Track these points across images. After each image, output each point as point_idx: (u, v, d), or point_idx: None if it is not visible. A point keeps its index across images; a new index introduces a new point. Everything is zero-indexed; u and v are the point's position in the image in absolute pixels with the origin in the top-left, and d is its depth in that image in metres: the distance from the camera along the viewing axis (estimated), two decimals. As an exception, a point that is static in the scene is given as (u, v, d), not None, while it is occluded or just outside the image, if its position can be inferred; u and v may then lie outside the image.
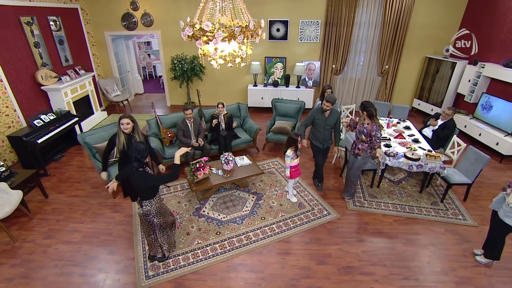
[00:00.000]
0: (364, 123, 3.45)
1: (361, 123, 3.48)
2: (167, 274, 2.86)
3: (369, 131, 3.38)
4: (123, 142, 3.01)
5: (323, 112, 3.81)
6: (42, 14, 5.24)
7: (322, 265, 2.99)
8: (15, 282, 2.78)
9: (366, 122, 3.43)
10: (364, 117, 3.44)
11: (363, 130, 3.42)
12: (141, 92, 9.04)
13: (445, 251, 3.21)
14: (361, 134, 3.46)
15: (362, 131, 3.44)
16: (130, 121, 3.00)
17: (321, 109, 3.82)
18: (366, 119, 3.43)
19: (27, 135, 4.23)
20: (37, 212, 3.71)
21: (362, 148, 3.51)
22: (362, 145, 3.51)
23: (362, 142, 3.49)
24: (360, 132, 3.48)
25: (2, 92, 4.49)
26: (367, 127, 3.39)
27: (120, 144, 3.01)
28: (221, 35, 2.20)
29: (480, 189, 4.37)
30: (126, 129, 2.99)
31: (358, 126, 3.53)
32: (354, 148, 3.61)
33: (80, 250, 3.14)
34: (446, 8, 6.39)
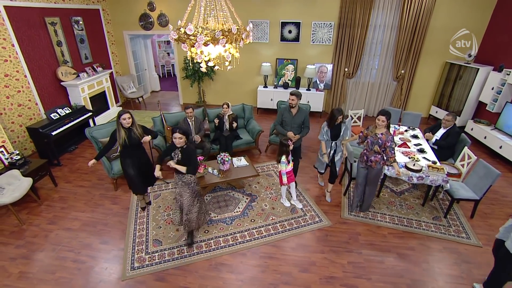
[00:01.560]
0: (377, 133, 3.20)
1: (374, 134, 3.22)
2: (151, 267, 2.98)
3: (384, 142, 3.16)
4: (123, 137, 3.18)
5: (290, 110, 3.90)
6: (65, 15, 5.63)
7: (304, 273, 2.96)
8: (17, 261, 3.04)
9: (380, 132, 3.19)
10: (376, 126, 3.21)
11: (377, 141, 3.18)
12: (157, 90, 9.40)
13: (440, 270, 3.03)
14: (375, 145, 3.21)
15: (376, 142, 3.19)
16: (130, 115, 3.21)
17: (288, 107, 3.92)
18: (379, 129, 3.19)
19: (43, 127, 4.59)
20: (45, 199, 4.01)
21: (375, 160, 3.28)
22: (375, 156, 3.27)
23: (376, 154, 3.26)
24: (373, 143, 3.22)
25: (26, 87, 4.90)
26: (382, 137, 3.16)
27: (121, 138, 3.19)
28: (203, 38, 2.25)
29: (493, 206, 4.07)
30: (128, 124, 3.19)
31: (369, 137, 3.26)
32: (366, 161, 3.36)
33: (76, 237, 3.35)
34: (471, 10, 5.98)
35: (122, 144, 3.23)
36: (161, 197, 4.08)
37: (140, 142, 3.35)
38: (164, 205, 3.92)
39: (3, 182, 3.59)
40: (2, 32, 4.48)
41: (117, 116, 3.20)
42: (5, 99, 4.58)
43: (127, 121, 3.18)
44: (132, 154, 3.36)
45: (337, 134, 3.62)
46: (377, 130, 3.19)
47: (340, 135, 3.63)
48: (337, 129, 3.60)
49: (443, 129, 4.29)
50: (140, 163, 3.45)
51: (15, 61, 4.70)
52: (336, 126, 3.58)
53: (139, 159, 3.44)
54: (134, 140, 3.27)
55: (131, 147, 3.28)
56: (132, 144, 3.26)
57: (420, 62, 6.60)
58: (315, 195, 4.17)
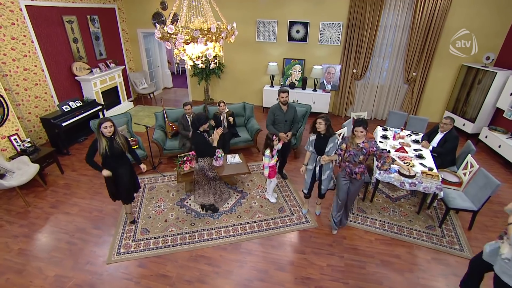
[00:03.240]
0: (358, 143, 2.95)
1: (355, 145, 2.96)
2: (136, 254, 3.13)
3: (368, 150, 2.92)
4: (104, 147, 2.90)
5: (281, 108, 3.96)
6: (82, 14, 5.99)
7: (281, 271, 2.97)
8: (18, 239, 3.32)
9: (360, 141, 2.94)
10: (356, 136, 2.93)
11: (361, 151, 2.93)
12: (169, 87, 9.70)
13: (424, 281, 2.92)
14: (359, 156, 2.94)
15: (360, 152, 2.93)
16: (112, 124, 2.93)
17: (279, 105, 3.96)
18: (359, 139, 2.95)
19: (55, 118, 4.93)
20: (51, 184, 4.32)
21: (360, 171, 3.02)
22: (359, 168, 3.01)
23: (360, 165, 3.00)
24: (356, 154, 2.94)
25: (43, 80, 5.29)
26: (365, 146, 2.92)
27: (102, 149, 2.90)
28: (183, 37, 2.34)
29: (496, 219, 3.84)
30: (109, 132, 2.90)
31: (350, 149, 2.98)
32: (350, 173, 3.07)
33: (73, 221, 3.59)
34: (491, 11, 5.64)
35: (102, 154, 2.92)
36: (156, 189, 4.26)
37: (123, 152, 3.06)
38: (157, 196, 4.09)
39: (14, 167, 3.92)
40: (22, 29, 4.86)
41: (97, 125, 2.89)
42: (23, 91, 4.97)
43: (108, 129, 2.87)
44: (114, 166, 3.06)
45: (322, 148, 3.18)
46: (356, 140, 2.95)
47: (326, 152, 3.16)
48: (322, 142, 3.17)
49: (440, 134, 4.10)
50: (122, 175, 3.13)
51: (33, 56, 5.08)
52: (322, 138, 3.17)
53: (122, 170, 3.13)
54: (116, 150, 2.97)
55: (112, 158, 2.98)
56: (113, 155, 2.96)
57: (434, 64, 6.31)
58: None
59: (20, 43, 4.85)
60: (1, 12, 4.54)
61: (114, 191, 3.24)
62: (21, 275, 2.89)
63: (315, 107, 7.00)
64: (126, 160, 3.19)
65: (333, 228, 3.48)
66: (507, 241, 2.08)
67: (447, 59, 6.22)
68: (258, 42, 7.10)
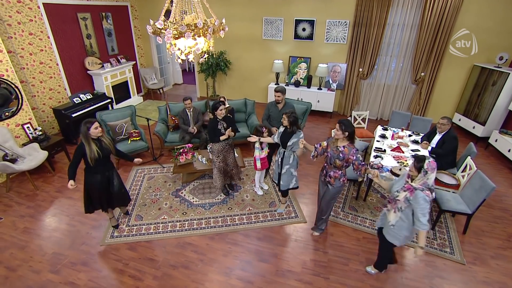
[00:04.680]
0: (338, 146, 2.77)
1: (334, 146, 2.80)
2: (127, 238, 3.31)
3: (345, 156, 2.71)
4: (95, 150, 2.79)
5: (276, 105, 4.03)
6: (96, 11, 6.30)
7: (263, 263, 3.04)
8: (24, 219, 3.59)
9: (341, 144, 2.76)
10: (338, 139, 2.78)
11: (339, 155, 2.73)
12: (180, 83, 9.96)
13: (407, 281, 2.89)
14: (335, 159, 2.77)
15: (337, 156, 2.75)
16: (98, 124, 2.85)
17: (274, 102, 4.04)
18: (342, 141, 2.76)
19: (66, 109, 5.23)
20: (59, 171, 4.61)
21: (334, 176, 2.85)
22: (334, 172, 2.84)
23: (335, 169, 2.84)
24: (333, 157, 2.78)
25: (57, 74, 5.62)
26: (344, 151, 2.71)
27: (93, 152, 2.77)
28: (171, 32, 2.46)
29: (495, 224, 3.71)
30: (99, 132, 2.83)
31: (329, 150, 2.84)
32: (325, 175, 2.95)
33: (74, 205, 3.83)
34: (505, 7, 5.38)
35: (95, 158, 2.78)
36: (154, 179, 4.43)
37: (111, 152, 2.98)
38: (154, 186, 4.26)
39: (25, 153, 4.22)
40: (40, 25, 5.19)
41: (83, 129, 2.73)
42: (39, 83, 5.31)
43: (98, 129, 2.80)
44: (101, 169, 2.96)
45: (286, 141, 3.22)
46: (338, 143, 2.77)
47: (289, 145, 3.22)
48: (288, 135, 3.22)
49: (438, 135, 3.99)
50: (113, 177, 3.09)
51: (49, 51, 5.41)
52: (289, 132, 3.21)
53: (111, 174, 3.08)
54: (107, 151, 2.91)
55: (102, 160, 2.89)
56: (105, 156, 2.90)
57: (444, 64, 6.11)
58: (300, 192, 4.18)
59: (37, 39, 5.18)
60: (21, 9, 4.88)
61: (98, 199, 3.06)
62: (23, 250, 3.13)
63: (319, 105, 6.98)
64: (111, 163, 3.10)
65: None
66: (392, 209, 2.43)
67: (458, 58, 6.00)
68: (264, 39, 7.16)
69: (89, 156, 2.77)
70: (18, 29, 4.87)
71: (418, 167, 2.23)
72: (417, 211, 2.23)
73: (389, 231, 2.51)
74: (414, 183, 2.26)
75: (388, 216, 2.49)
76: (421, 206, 2.20)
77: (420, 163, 2.21)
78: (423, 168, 2.20)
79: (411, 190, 2.24)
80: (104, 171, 3.00)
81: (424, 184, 2.22)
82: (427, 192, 2.20)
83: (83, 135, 2.76)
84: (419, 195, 2.20)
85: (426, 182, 2.21)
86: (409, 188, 2.26)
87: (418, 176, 2.25)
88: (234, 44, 7.41)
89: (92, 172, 2.93)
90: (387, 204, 2.53)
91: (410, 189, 2.25)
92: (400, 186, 2.38)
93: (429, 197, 2.20)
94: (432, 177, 2.21)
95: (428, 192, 2.22)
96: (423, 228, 2.23)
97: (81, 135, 2.77)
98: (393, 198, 2.42)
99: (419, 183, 2.23)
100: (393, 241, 2.51)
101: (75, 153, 2.82)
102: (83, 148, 2.77)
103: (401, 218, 2.38)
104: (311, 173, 4.61)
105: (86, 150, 2.76)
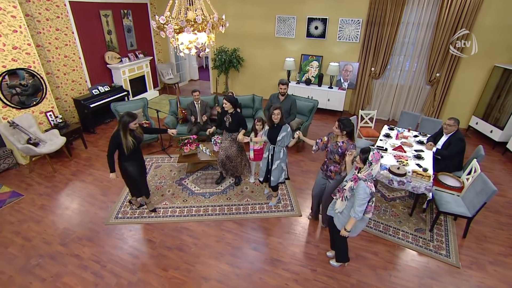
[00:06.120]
0: (338, 141, 2.90)
1: (334, 142, 2.93)
2: (130, 219, 3.54)
3: (344, 151, 2.84)
4: (131, 140, 3.00)
5: (278, 97, 4.20)
6: (117, 8, 6.67)
7: (254, 251, 3.15)
8: (42, 197, 3.94)
9: (341, 140, 2.88)
10: (338, 135, 2.89)
11: (337, 150, 2.87)
12: (195, 79, 10.26)
13: (395, 279, 2.88)
14: (334, 154, 2.91)
15: (336, 151, 2.88)
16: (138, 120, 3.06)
17: (278, 94, 4.20)
18: (340, 137, 2.88)
19: (85, 100, 5.62)
20: (75, 156, 4.97)
21: (335, 170, 2.98)
22: (334, 166, 2.98)
23: (335, 164, 2.97)
24: (332, 152, 2.92)
25: (79, 67, 6.04)
26: (342, 146, 2.84)
27: (130, 142, 2.98)
28: (172, 27, 2.62)
29: (500, 231, 3.56)
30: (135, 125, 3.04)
31: (329, 145, 2.97)
32: (326, 170, 3.07)
33: (85, 188, 4.14)
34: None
35: (131, 147, 3.01)
36: (160, 168, 4.67)
37: (140, 142, 3.21)
38: (160, 174, 4.49)
39: (47, 138, 4.61)
40: (65, 21, 5.61)
41: (125, 119, 2.92)
42: (62, 75, 5.74)
43: (136, 124, 3.05)
44: (136, 157, 3.21)
45: (274, 137, 3.28)
46: (338, 138, 2.90)
47: (278, 140, 3.26)
48: (275, 131, 3.27)
49: (445, 136, 3.88)
50: (143, 163, 3.36)
51: (73, 45, 5.83)
52: (275, 128, 3.26)
53: (141, 159, 3.33)
54: (139, 140, 3.16)
55: (137, 149, 3.17)
56: (139, 144, 3.16)
57: (461, 65, 5.88)
58: (298, 187, 4.24)
59: (63, 34, 5.60)
60: (49, 7, 5.30)
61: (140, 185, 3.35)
62: (39, 224, 3.46)
63: (329, 104, 6.95)
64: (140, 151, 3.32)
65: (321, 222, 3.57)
66: (339, 198, 2.54)
67: (476, 59, 5.74)
68: (277, 37, 7.22)
69: (125, 146, 2.94)
70: (46, 25, 5.30)
71: (363, 159, 2.33)
72: (355, 199, 2.36)
73: (339, 219, 2.63)
74: (360, 174, 2.36)
75: (336, 203, 2.62)
76: (360, 196, 2.31)
77: (365, 154, 2.32)
78: (368, 159, 2.29)
79: (356, 180, 2.36)
80: (136, 159, 3.22)
81: (369, 175, 2.31)
82: (369, 184, 2.31)
83: (124, 125, 2.91)
84: (360, 185, 2.31)
85: (371, 173, 2.31)
86: (354, 178, 2.38)
87: (363, 167, 2.34)
88: (248, 41, 7.54)
89: (126, 159, 3.13)
90: (336, 193, 2.65)
91: (355, 179, 2.37)
92: (350, 177, 2.49)
93: (370, 189, 2.31)
94: (376, 168, 2.31)
95: (371, 184, 2.32)
96: (355, 216, 2.39)
97: (121, 125, 2.92)
98: (341, 187, 2.56)
99: (364, 173, 2.33)
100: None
101: (110, 143, 2.98)
102: (118, 138, 2.93)
103: (347, 206, 2.51)
104: (313, 170, 4.65)
105: (122, 140, 2.93)
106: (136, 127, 3.05)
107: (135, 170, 3.22)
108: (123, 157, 3.10)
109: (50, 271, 2.87)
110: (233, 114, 3.74)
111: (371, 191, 2.32)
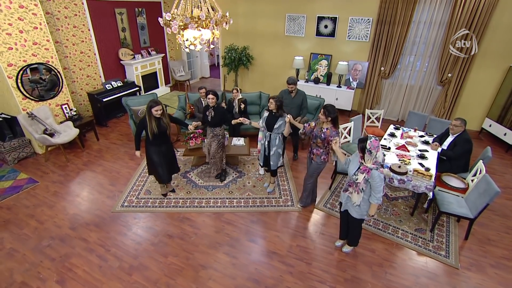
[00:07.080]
0: (322, 127, 3.13)
1: (319, 127, 3.16)
2: (135, 208, 3.70)
3: (327, 137, 3.06)
4: (154, 126, 3.27)
5: (289, 93, 4.40)
6: (131, 7, 6.91)
7: (251, 243, 3.22)
8: (55, 184, 4.17)
9: (326, 126, 3.10)
10: (324, 121, 3.10)
11: (321, 135, 3.11)
12: (207, 76, 10.44)
13: (390, 277, 2.88)
14: (317, 138, 3.16)
15: (320, 136, 3.12)
16: (161, 107, 3.33)
17: (287, 90, 4.40)
18: (326, 124, 3.09)
19: (98, 94, 5.87)
20: (87, 148, 5.21)
21: (316, 153, 3.24)
22: (317, 150, 3.23)
23: (317, 147, 3.22)
24: (316, 136, 3.17)
25: (94, 62, 6.31)
26: (326, 132, 3.07)
27: (152, 127, 3.26)
28: (177, 23, 2.73)
29: (506, 235, 3.47)
30: (159, 114, 3.29)
31: (315, 130, 3.21)
32: (309, 152, 3.37)
33: (95, 177, 4.35)
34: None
35: (152, 133, 3.29)
36: (167, 161, 4.82)
37: (166, 130, 3.44)
38: (166, 167, 4.64)
39: (62, 129, 4.86)
40: (82, 19, 5.87)
41: (147, 108, 3.25)
42: (78, 70, 6.02)
43: (158, 112, 3.27)
44: (158, 142, 3.43)
45: (271, 124, 3.50)
46: (323, 125, 3.12)
47: (275, 128, 3.48)
48: (273, 119, 3.48)
49: (451, 137, 3.81)
50: (166, 151, 3.56)
51: (89, 42, 6.09)
52: (274, 116, 3.47)
53: (164, 147, 3.54)
54: (163, 128, 3.37)
55: (159, 135, 3.36)
56: (160, 132, 3.36)
57: (475, 65, 5.71)
58: (301, 183, 4.26)
59: (80, 31, 5.87)
60: (68, 5, 5.57)
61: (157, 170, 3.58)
62: (51, 209, 3.68)
63: (337, 103, 6.91)
64: (168, 139, 3.59)
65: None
66: (354, 191, 2.61)
67: (491, 59, 5.57)
68: (286, 36, 7.25)
69: (149, 130, 3.29)
70: (64, 22, 5.57)
71: (361, 148, 2.44)
72: (373, 187, 2.48)
73: (357, 210, 2.71)
74: (367, 164, 2.44)
75: (352, 198, 2.68)
76: (377, 183, 2.43)
77: (363, 143, 2.40)
78: (366, 148, 2.36)
79: (368, 171, 2.43)
80: (158, 145, 3.47)
81: (376, 163, 2.40)
82: (381, 170, 2.44)
83: (148, 111, 3.26)
84: (375, 174, 2.42)
85: (377, 161, 2.41)
86: (365, 170, 2.45)
87: (366, 157, 2.42)
88: (257, 39, 7.61)
89: (150, 143, 3.45)
90: (348, 188, 2.71)
91: (366, 170, 2.44)
92: (355, 169, 2.54)
93: (383, 174, 2.45)
94: (380, 155, 2.41)
95: (382, 169, 2.43)
96: (377, 202, 2.52)
97: (146, 110, 3.29)
98: (353, 182, 2.59)
99: (371, 162, 2.42)
100: (362, 217, 2.75)
101: (137, 126, 3.41)
102: (145, 122, 3.31)
103: (363, 198, 2.61)
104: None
105: (148, 124, 3.28)
106: (159, 114, 3.29)
107: (155, 156, 3.51)
108: (148, 140, 3.44)
109: (59, 252, 3.05)
110: (215, 108, 3.78)
111: (383, 176, 2.46)
